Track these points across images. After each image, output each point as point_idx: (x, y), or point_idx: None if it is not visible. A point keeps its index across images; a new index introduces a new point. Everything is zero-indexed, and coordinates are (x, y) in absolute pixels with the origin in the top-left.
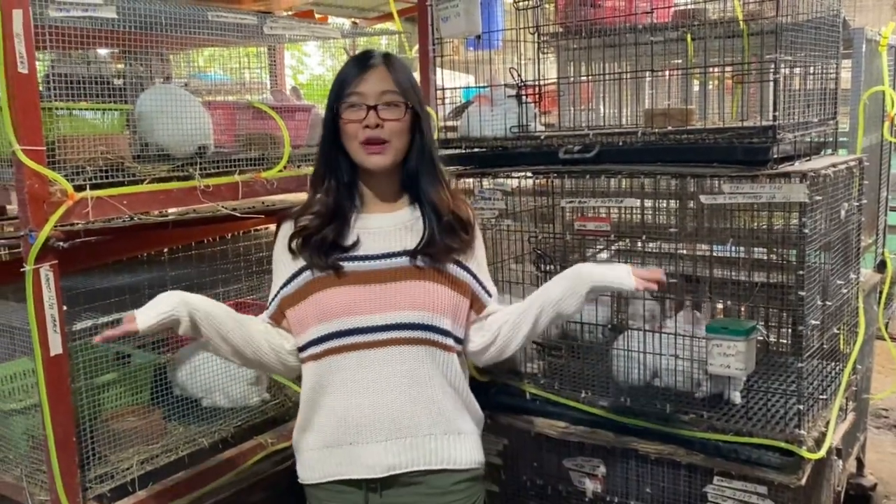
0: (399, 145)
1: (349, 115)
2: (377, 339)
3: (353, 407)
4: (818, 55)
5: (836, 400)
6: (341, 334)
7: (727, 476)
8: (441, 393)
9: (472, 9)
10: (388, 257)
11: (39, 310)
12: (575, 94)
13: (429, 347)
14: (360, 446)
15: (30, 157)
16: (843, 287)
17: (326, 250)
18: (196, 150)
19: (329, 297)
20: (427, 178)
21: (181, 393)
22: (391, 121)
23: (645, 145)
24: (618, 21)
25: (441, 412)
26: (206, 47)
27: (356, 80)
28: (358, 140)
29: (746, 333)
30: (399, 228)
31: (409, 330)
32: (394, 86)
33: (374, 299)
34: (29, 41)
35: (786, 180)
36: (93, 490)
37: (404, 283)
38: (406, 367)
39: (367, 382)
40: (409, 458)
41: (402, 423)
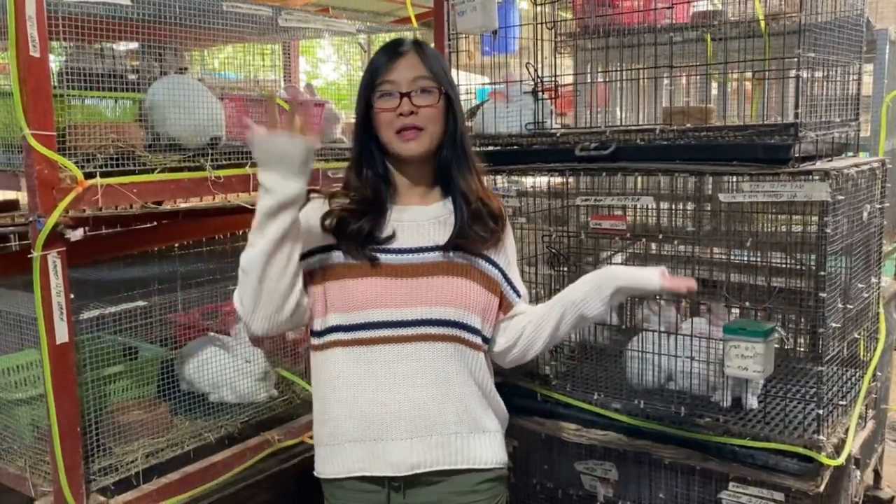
0: (434, 132)
1: (382, 103)
2: (407, 333)
3: (378, 402)
4: (841, 55)
5: (857, 406)
6: (372, 326)
7: (743, 482)
8: (468, 391)
9: (489, 4)
10: (421, 251)
11: (46, 297)
12: (592, 94)
13: (457, 345)
14: (384, 443)
15: (40, 142)
16: (864, 291)
17: (363, 241)
18: (208, 141)
19: (362, 286)
20: (458, 165)
21: (188, 387)
22: (425, 107)
23: (663, 143)
24: (635, 21)
25: (467, 410)
26: (220, 44)
27: (388, 67)
28: (392, 128)
29: (765, 335)
30: (433, 222)
31: (439, 326)
32: (426, 71)
33: (405, 293)
34: (41, 24)
35: (807, 179)
36: (97, 482)
37: (436, 279)
38: (434, 364)
39: (395, 377)
40: (435, 457)
41: (428, 421)
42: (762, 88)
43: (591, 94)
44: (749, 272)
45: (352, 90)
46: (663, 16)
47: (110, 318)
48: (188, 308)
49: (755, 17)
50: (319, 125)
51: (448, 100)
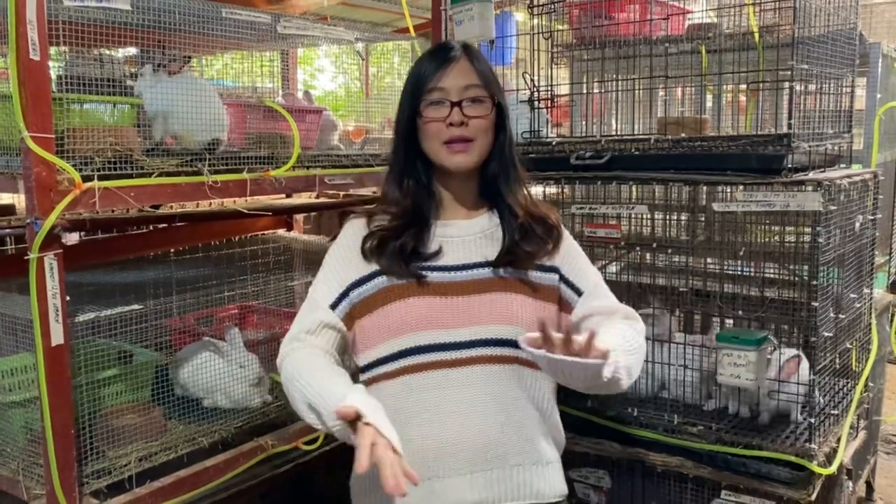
0: (483, 144)
1: (430, 112)
2: (461, 356)
3: (432, 435)
4: (834, 68)
5: (848, 416)
6: (421, 350)
7: (735, 490)
8: (528, 417)
9: (487, 13)
10: (470, 268)
11: (42, 299)
12: (587, 105)
13: (516, 366)
14: (440, 480)
15: (39, 145)
16: (856, 301)
17: (407, 258)
18: (209, 142)
19: (407, 307)
20: (506, 178)
21: (182, 392)
22: (477, 118)
23: (658, 152)
24: (631, 32)
25: (529, 439)
26: (219, 51)
27: (437, 74)
28: (440, 140)
29: (758, 344)
30: (479, 237)
31: (496, 347)
32: (478, 79)
33: (456, 313)
34: (42, 28)
35: (800, 189)
36: (90, 485)
37: (488, 296)
38: (493, 389)
39: (450, 406)
40: (498, 493)
41: (489, 453)
42: (756, 100)
43: (587, 105)
44: (742, 282)
45: (349, 100)
46: (659, 27)
47: (105, 321)
48: (183, 313)
49: (749, 30)
50: (316, 132)
51: (499, 110)
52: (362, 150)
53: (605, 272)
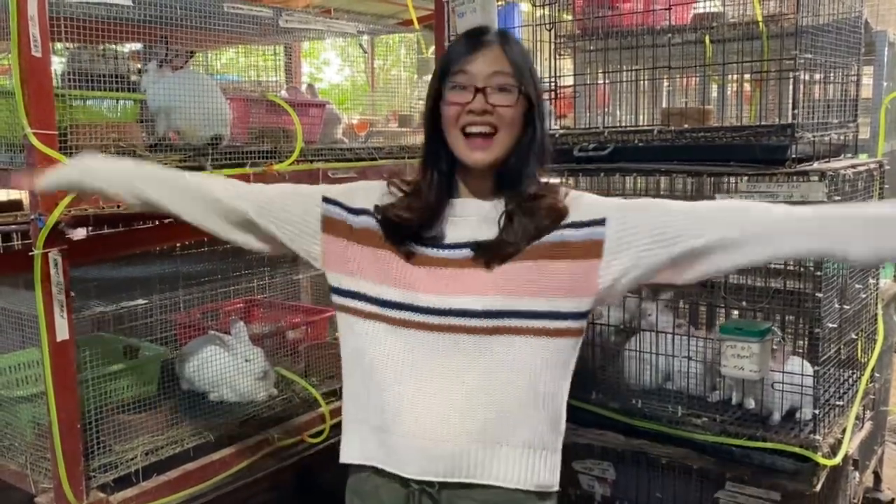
0: (506, 139)
1: (453, 96)
2: (442, 322)
3: (396, 393)
4: (839, 57)
5: (854, 407)
6: (401, 307)
7: (739, 482)
8: (508, 393)
9: (488, 5)
10: (458, 247)
11: (47, 295)
12: (591, 96)
13: (501, 336)
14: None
15: (42, 141)
16: (861, 292)
17: (403, 236)
18: (211, 137)
19: (394, 265)
20: (522, 176)
21: (189, 387)
22: (501, 107)
23: (661, 143)
24: (635, 23)
25: (502, 417)
26: (222, 46)
27: (466, 57)
28: (459, 126)
29: (761, 335)
30: (478, 219)
31: (482, 318)
32: (508, 66)
33: (436, 281)
34: (43, 24)
35: (804, 179)
36: (96, 479)
37: (469, 271)
38: (464, 360)
39: (414, 369)
40: (447, 468)
41: (451, 427)
42: (761, 90)
43: (589, 96)
44: (748, 273)
45: (355, 92)
46: (663, 17)
47: (111, 316)
48: (189, 307)
49: (754, 19)
50: (319, 126)
51: (529, 102)
52: (365, 143)
53: None
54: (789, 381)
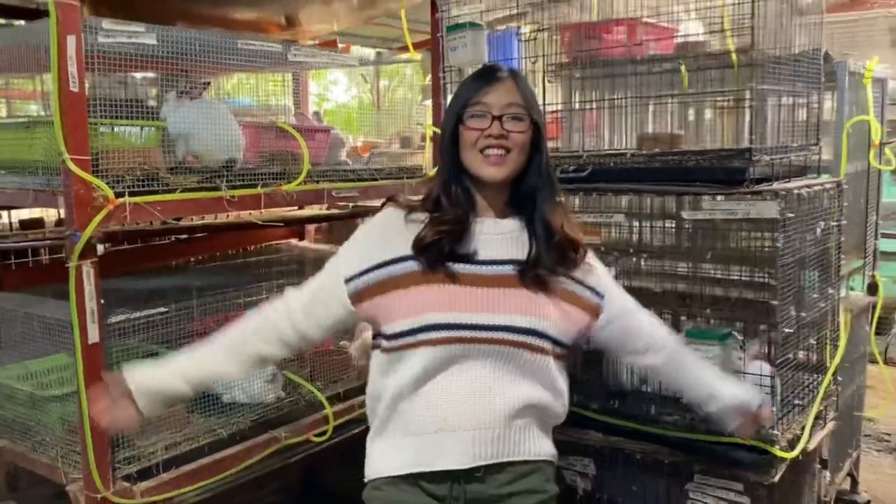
0: (518, 159)
1: (472, 122)
2: (479, 336)
3: (446, 395)
4: (798, 86)
5: (814, 406)
6: (443, 327)
7: (706, 474)
8: (536, 390)
9: (479, 39)
10: (497, 264)
11: (80, 302)
12: (574, 120)
13: (528, 351)
14: (448, 434)
15: (77, 166)
16: (820, 301)
17: (446, 258)
18: (226, 160)
19: (435, 292)
20: (544, 195)
21: (204, 389)
22: (515, 132)
23: (634, 166)
24: (619, 53)
25: (533, 407)
26: (236, 73)
27: (484, 89)
28: (477, 148)
29: (721, 339)
30: (507, 237)
31: (519, 334)
32: (520, 99)
33: (479, 300)
34: (80, 63)
35: (759, 198)
36: (121, 470)
37: (510, 290)
38: (506, 365)
39: (461, 374)
40: (497, 449)
41: (494, 416)
42: (732, 116)
43: (574, 120)
44: (714, 284)
45: (361, 112)
46: (646, 48)
47: (134, 323)
48: (204, 316)
49: (725, 50)
50: (324, 149)
51: (537, 129)
52: (367, 164)
53: None
54: (750, 381)
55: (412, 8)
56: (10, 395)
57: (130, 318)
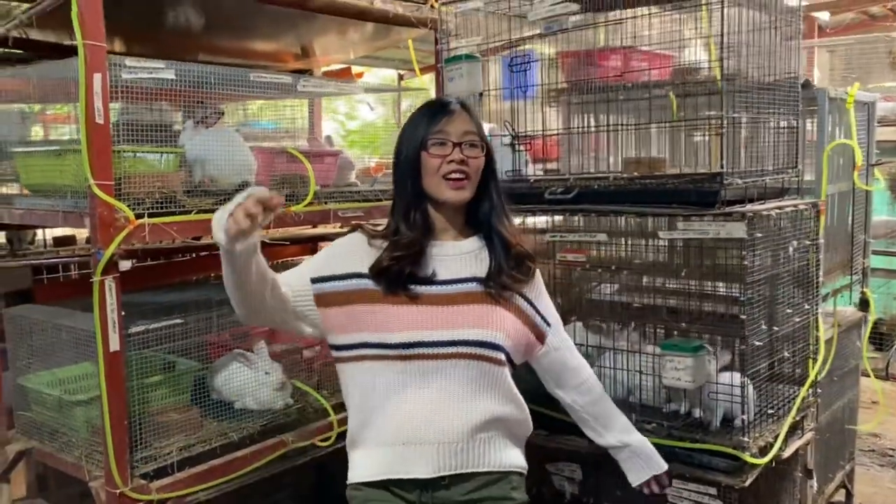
0: (476, 182)
1: (436, 150)
2: (439, 352)
3: (406, 409)
4: (774, 112)
5: (789, 416)
6: (408, 345)
7: (683, 479)
8: (497, 402)
9: (474, 71)
10: (458, 283)
11: (103, 314)
12: (571, 142)
13: (482, 362)
14: (412, 447)
15: (101, 190)
16: (794, 316)
17: (404, 282)
18: (239, 183)
19: (400, 312)
20: (497, 214)
21: (217, 396)
22: (472, 158)
23: (616, 188)
24: (614, 79)
25: (494, 422)
26: (257, 100)
27: (444, 119)
28: (440, 174)
29: (694, 350)
30: (466, 256)
31: (467, 346)
32: (475, 128)
33: (439, 319)
34: (105, 98)
35: (727, 219)
36: (139, 469)
37: (469, 307)
38: (462, 380)
39: (425, 389)
40: (461, 461)
41: (457, 429)
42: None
43: (571, 142)
44: (690, 298)
45: (386, 131)
46: (642, 74)
47: (153, 335)
48: (221, 329)
49: (712, 78)
50: (333, 172)
51: (489, 154)
52: (373, 185)
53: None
54: (723, 391)
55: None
56: (40, 399)
57: (149, 328)
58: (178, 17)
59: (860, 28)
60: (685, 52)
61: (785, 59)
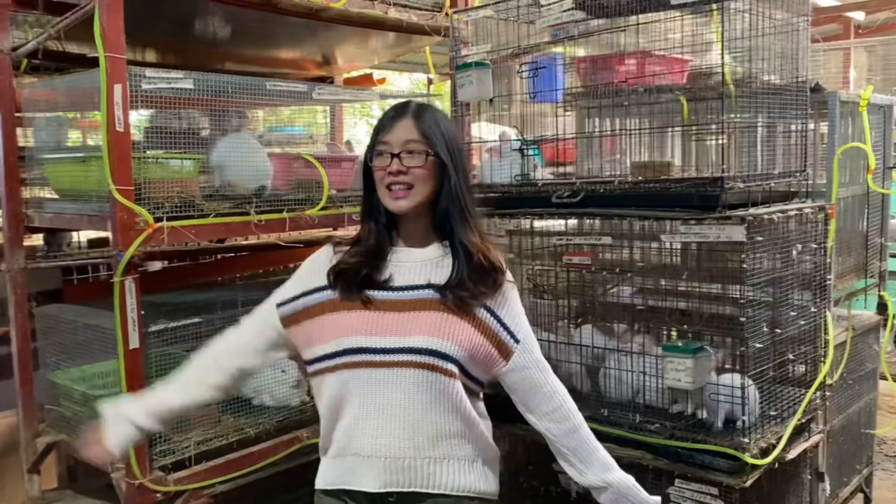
0: (422, 190)
1: (377, 162)
2: (386, 359)
3: (359, 421)
4: (782, 115)
5: (793, 418)
6: (354, 351)
7: (686, 479)
8: (448, 419)
9: (485, 77)
10: (413, 289)
11: (123, 312)
12: (585, 146)
13: (432, 372)
14: (361, 459)
15: (121, 195)
16: (799, 318)
17: (359, 285)
18: (256, 188)
19: (350, 317)
20: (457, 220)
21: (236, 393)
22: (413, 167)
23: (621, 192)
24: (629, 83)
25: (445, 437)
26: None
27: (385, 130)
28: (384, 184)
29: (694, 352)
30: (427, 263)
31: (416, 354)
32: (418, 135)
33: (389, 325)
34: (125, 107)
35: (726, 223)
36: (158, 462)
37: (421, 314)
38: (411, 390)
39: (377, 398)
40: (407, 478)
41: (404, 443)
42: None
43: (584, 147)
44: (694, 300)
45: None
46: (659, 78)
47: (173, 333)
48: None
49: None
50: (350, 176)
51: (439, 159)
52: None
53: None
54: (725, 392)
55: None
56: (68, 394)
57: (168, 327)
58: (205, 28)
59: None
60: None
61: (794, 62)
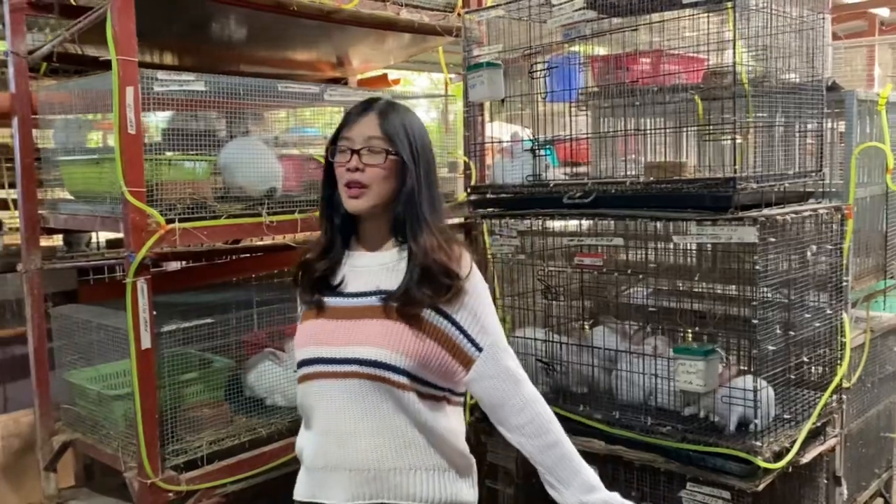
0: (379, 191)
1: (338, 157)
2: (338, 370)
3: (323, 433)
4: (797, 115)
5: (808, 422)
6: (310, 362)
7: (698, 482)
8: (404, 429)
9: (496, 77)
10: (363, 296)
11: (135, 313)
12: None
13: (382, 384)
14: (329, 472)
15: (133, 196)
16: (814, 320)
17: (312, 287)
18: (267, 190)
19: (308, 327)
20: (410, 223)
21: (250, 393)
22: (371, 166)
23: (633, 193)
24: (643, 83)
25: (405, 447)
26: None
27: (348, 125)
28: (343, 181)
29: (706, 355)
30: (381, 268)
31: (364, 366)
32: (380, 133)
33: (339, 333)
34: (137, 110)
35: (738, 223)
36: (170, 461)
37: (370, 322)
38: (364, 400)
39: (332, 410)
40: (373, 490)
41: (366, 455)
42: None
43: (599, 147)
44: (707, 301)
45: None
46: (673, 77)
47: (186, 333)
48: (260, 328)
49: (740, 81)
50: None
51: (400, 161)
52: None
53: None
54: (737, 395)
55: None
56: (83, 394)
57: (180, 327)
58: (220, 30)
59: None
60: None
61: (810, 61)
